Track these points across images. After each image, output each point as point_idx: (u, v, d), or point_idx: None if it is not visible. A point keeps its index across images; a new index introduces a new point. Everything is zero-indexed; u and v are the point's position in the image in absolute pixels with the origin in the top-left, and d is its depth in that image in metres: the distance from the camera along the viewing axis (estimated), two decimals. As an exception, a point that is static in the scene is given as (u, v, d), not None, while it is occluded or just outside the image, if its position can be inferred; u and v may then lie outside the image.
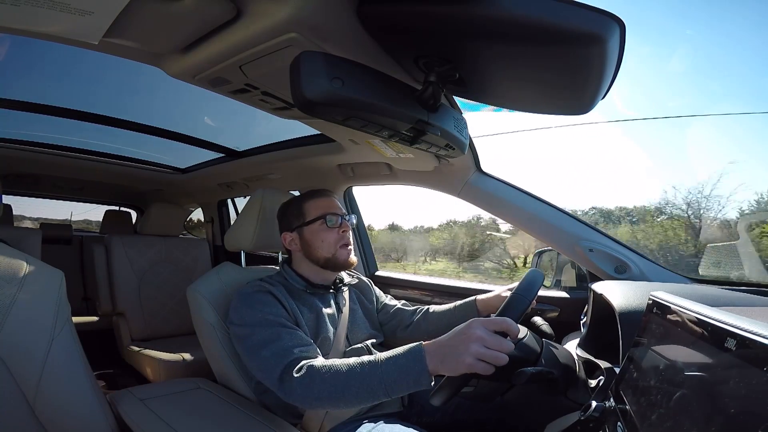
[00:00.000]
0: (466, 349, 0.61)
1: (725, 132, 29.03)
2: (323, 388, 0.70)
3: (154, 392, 0.92)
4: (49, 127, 1.71)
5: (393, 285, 1.65)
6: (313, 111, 0.56)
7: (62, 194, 2.84)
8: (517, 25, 0.48)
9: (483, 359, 0.60)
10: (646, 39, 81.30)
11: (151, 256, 2.12)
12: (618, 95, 26.85)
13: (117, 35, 0.64)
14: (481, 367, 0.60)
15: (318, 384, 0.71)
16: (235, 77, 0.77)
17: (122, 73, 1.39)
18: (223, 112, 1.63)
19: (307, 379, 0.72)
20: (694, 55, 57.85)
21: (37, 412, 0.66)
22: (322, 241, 0.98)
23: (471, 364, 0.60)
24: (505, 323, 0.63)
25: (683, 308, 0.48)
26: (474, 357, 0.60)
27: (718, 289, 0.88)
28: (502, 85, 0.68)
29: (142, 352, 1.76)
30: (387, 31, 0.60)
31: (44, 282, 0.70)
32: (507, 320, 0.64)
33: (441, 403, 0.66)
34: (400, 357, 0.67)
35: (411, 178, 1.38)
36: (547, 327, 0.97)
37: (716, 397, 0.38)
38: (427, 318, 1.13)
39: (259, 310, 0.86)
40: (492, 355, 0.60)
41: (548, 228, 1.18)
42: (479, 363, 0.60)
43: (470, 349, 0.60)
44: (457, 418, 1.02)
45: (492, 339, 0.61)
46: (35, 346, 0.66)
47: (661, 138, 18.69)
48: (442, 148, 0.80)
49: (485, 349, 0.60)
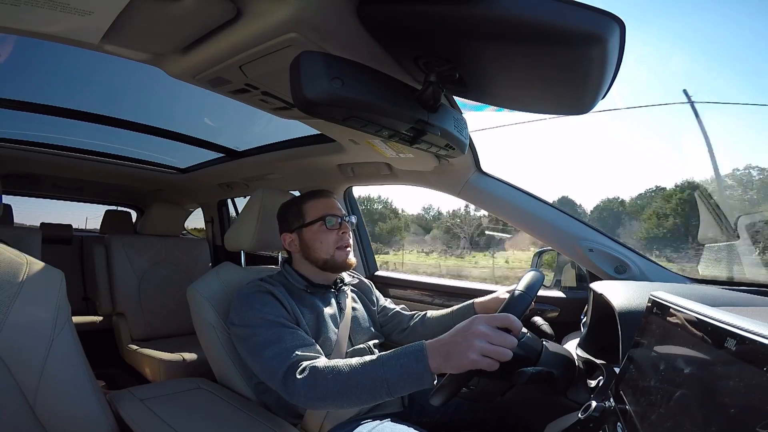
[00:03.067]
0: (469, 346, 0.60)
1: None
2: (326, 389, 0.70)
3: (154, 392, 0.92)
4: (49, 127, 1.71)
5: (393, 285, 1.65)
6: (313, 111, 0.56)
7: (62, 194, 2.83)
8: (517, 25, 0.48)
9: (487, 355, 0.60)
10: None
11: (151, 256, 2.12)
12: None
13: (117, 35, 0.64)
14: (485, 363, 0.60)
15: (321, 385, 0.71)
16: (235, 77, 0.77)
17: (122, 73, 1.39)
18: (223, 112, 1.63)
19: (310, 381, 0.72)
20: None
21: (37, 412, 0.66)
22: (321, 242, 0.97)
23: (475, 360, 0.60)
24: (508, 319, 0.63)
25: (683, 308, 0.48)
26: (478, 353, 0.60)
27: (718, 289, 0.88)
28: (502, 85, 0.68)
29: (142, 352, 1.76)
30: (387, 31, 0.60)
31: (44, 282, 0.70)
32: (509, 316, 0.64)
33: (441, 403, 0.66)
34: (402, 356, 0.67)
35: (411, 178, 1.39)
36: (547, 327, 0.97)
37: (716, 397, 0.38)
38: (425, 322, 1.13)
39: (260, 310, 0.86)
40: (496, 350, 0.60)
41: (548, 228, 1.18)
42: (483, 359, 0.60)
43: (474, 345, 0.60)
44: (457, 418, 1.02)
45: (495, 334, 0.61)
46: (35, 346, 0.66)
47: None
48: (442, 148, 0.80)
49: (489, 344, 0.60)
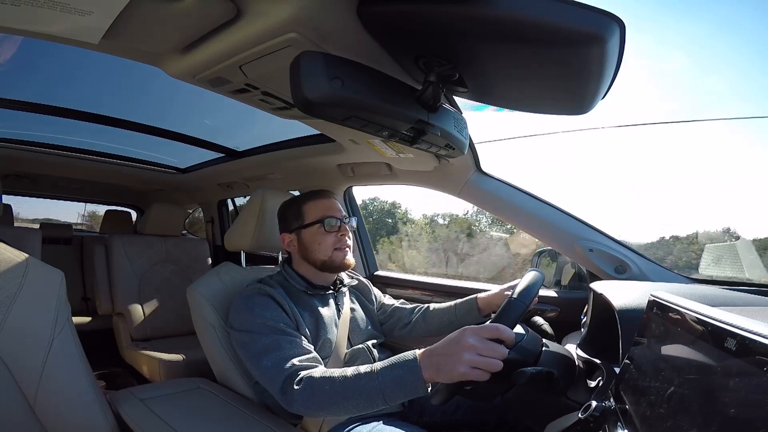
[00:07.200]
0: (458, 359, 0.61)
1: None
2: (323, 399, 0.71)
3: (154, 392, 0.92)
4: (49, 127, 1.71)
5: (393, 285, 1.65)
6: (313, 111, 0.56)
7: (62, 194, 2.84)
8: (517, 25, 0.48)
9: (476, 367, 0.60)
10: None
11: (151, 256, 2.12)
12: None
13: (117, 35, 0.64)
14: (475, 375, 0.60)
15: (318, 396, 0.72)
16: (235, 77, 0.77)
17: (122, 73, 1.39)
18: (223, 112, 1.63)
19: (307, 391, 0.73)
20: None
21: (37, 411, 0.66)
22: (319, 244, 0.97)
23: (464, 373, 0.60)
24: (497, 330, 0.63)
25: (683, 308, 0.48)
26: (467, 365, 0.60)
27: (718, 289, 0.88)
28: (502, 85, 0.68)
29: (142, 352, 1.76)
30: (387, 31, 0.60)
31: (44, 282, 0.70)
32: (499, 327, 0.63)
33: (441, 403, 0.67)
34: (396, 367, 0.67)
35: (411, 178, 1.39)
36: (547, 327, 0.97)
37: (716, 396, 0.38)
38: (426, 317, 1.13)
39: (259, 315, 0.86)
40: (485, 362, 0.60)
41: (548, 228, 1.18)
42: (473, 371, 0.60)
43: (463, 357, 0.60)
44: (458, 418, 1.02)
45: (484, 346, 0.61)
46: (35, 346, 0.66)
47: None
48: (442, 148, 0.80)
49: (478, 356, 0.60)
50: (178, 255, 2.22)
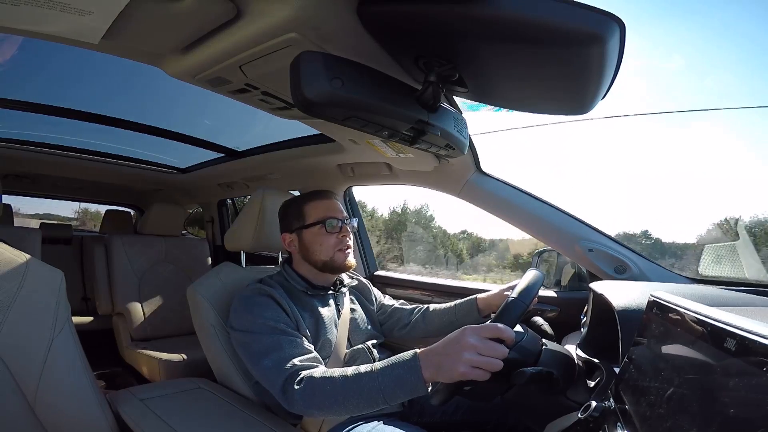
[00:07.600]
0: (458, 358, 0.61)
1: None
2: (323, 399, 0.71)
3: (154, 392, 0.92)
4: (49, 127, 1.71)
5: (393, 285, 1.65)
6: (313, 111, 0.56)
7: (62, 194, 2.84)
8: (517, 25, 0.48)
9: (477, 366, 0.60)
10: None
11: (151, 256, 2.12)
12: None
13: (117, 35, 0.64)
14: (475, 375, 0.60)
15: (319, 396, 0.72)
16: (235, 77, 0.77)
17: (122, 73, 1.39)
18: (223, 112, 1.63)
19: (308, 392, 0.73)
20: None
21: (37, 411, 0.66)
22: (320, 245, 0.97)
23: (464, 373, 0.60)
24: (497, 329, 0.63)
25: (683, 308, 0.48)
26: (467, 365, 0.60)
27: (718, 289, 0.88)
28: (502, 85, 0.68)
29: (142, 352, 1.75)
30: (387, 31, 0.60)
31: (44, 282, 0.70)
32: (499, 326, 0.63)
33: (440, 403, 0.67)
34: (396, 367, 0.67)
35: (411, 178, 1.39)
36: (547, 327, 0.97)
37: (716, 397, 0.38)
38: (426, 317, 1.13)
39: (260, 315, 0.86)
40: (485, 361, 0.60)
41: (548, 228, 1.18)
42: (473, 370, 0.60)
43: (462, 357, 0.60)
44: (458, 418, 1.02)
45: (484, 346, 0.61)
46: (35, 346, 0.66)
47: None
48: (442, 148, 0.80)
49: (478, 356, 0.60)
50: (178, 255, 2.22)
